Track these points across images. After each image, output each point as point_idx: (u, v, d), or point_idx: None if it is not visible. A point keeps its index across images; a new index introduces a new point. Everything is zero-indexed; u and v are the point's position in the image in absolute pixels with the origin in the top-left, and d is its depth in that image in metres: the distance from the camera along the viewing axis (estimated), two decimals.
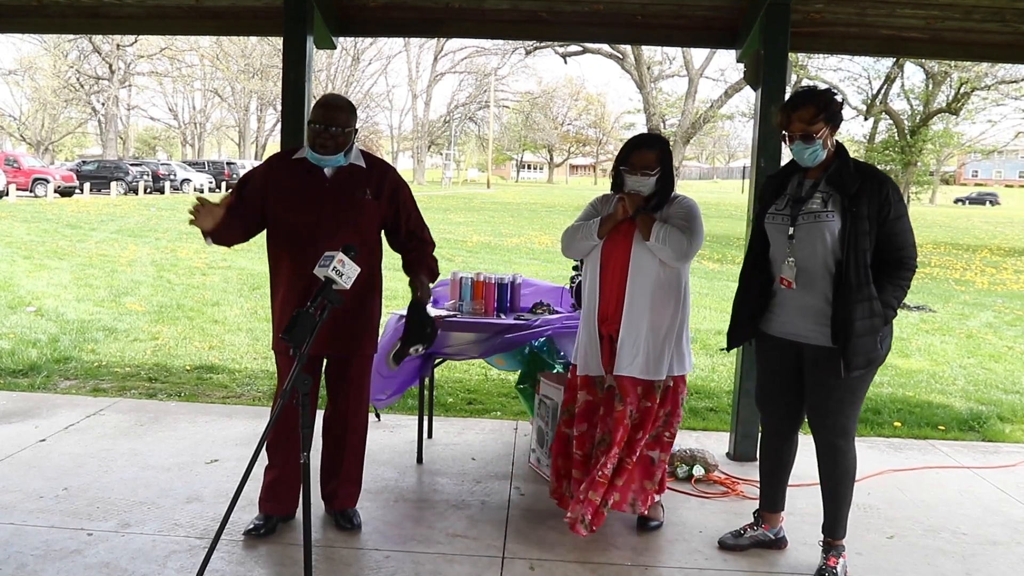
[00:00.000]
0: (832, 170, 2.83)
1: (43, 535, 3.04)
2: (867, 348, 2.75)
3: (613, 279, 3.13)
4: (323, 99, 3.05)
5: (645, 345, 3.08)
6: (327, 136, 2.95)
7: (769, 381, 3.10)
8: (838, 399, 2.86)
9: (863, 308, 2.73)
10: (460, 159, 66.89)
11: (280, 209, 3.03)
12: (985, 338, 8.54)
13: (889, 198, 2.76)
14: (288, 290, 3.03)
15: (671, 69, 31.95)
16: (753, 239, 3.07)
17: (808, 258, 2.83)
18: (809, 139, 2.80)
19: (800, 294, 2.87)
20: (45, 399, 4.87)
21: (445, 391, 5.46)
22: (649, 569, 3.03)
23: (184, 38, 39.41)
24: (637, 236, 3.10)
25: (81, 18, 4.77)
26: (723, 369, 6.47)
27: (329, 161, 3.00)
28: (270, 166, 3.14)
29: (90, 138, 54.00)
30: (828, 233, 2.78)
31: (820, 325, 2.83)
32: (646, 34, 4.83)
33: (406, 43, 50.32)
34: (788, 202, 2.92)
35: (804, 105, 2.82)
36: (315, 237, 2.95)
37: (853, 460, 2.94)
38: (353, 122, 3.03)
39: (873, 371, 2.87)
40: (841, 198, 2.78)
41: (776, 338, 2.99)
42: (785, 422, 3.10)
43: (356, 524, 3.23)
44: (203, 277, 10.36)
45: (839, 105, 2.86)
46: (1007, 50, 4.62)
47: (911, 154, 17.46)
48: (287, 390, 2.43)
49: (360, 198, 3.04)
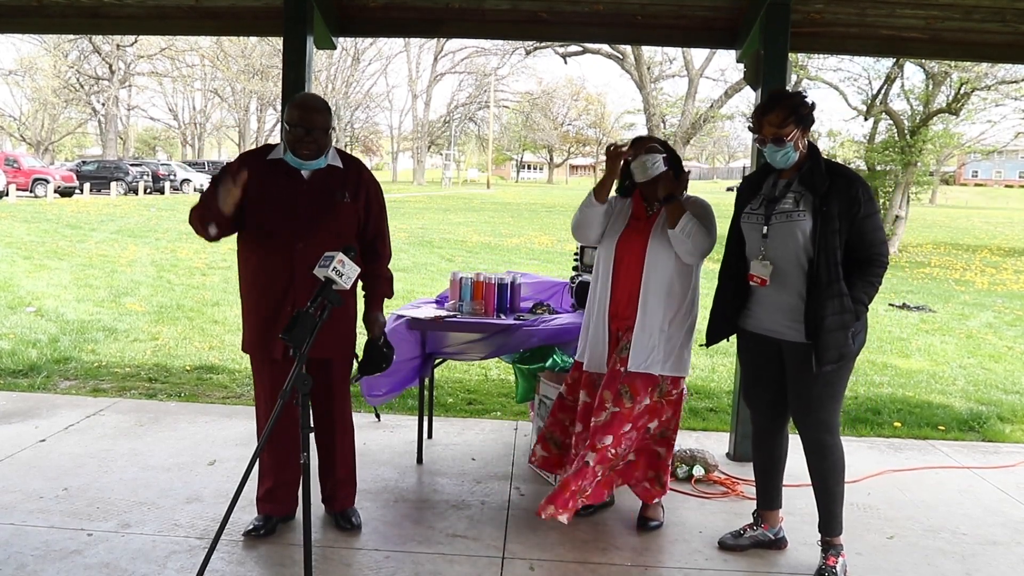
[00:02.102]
0: (804, 170, 2.89)
1: (43, 535, 3.04)
2: (838, 343, 2.80)
3: (627, 276, 3.14)
4: (299, 100, 2.94)
5: (659, 342, 3.09)
6: (309, 140, 2.87)
7: (751, 377, 3.15)
8: (817, 395, 2.91)
9: (834, 304, 2.78)
10: (460, 159, 66.89)
11: (256, 211, 2.92)
12: (985, 338, 8.54)
13: (858, 197, 2.81)
14: (261, 295, 2.96)
15: (671, 69, 31.96)
16: (730, 238, 3.12)
17: (781, 257, 2.88)
18: (780, 142, 2.86)
19: (775, 291, 2.92)
20: (45, 399, 4.87)
21: (445, 391, 5.46)
22: (649, 569, 3.03)
23: (184, 38, 39.34)
24: (654, 233, 3.11)
25: (81, 18, 4.77)
26: (723, 369, 6.47)
27: (309, 164, 2.93)
28: (245, 164, 2.95)
29: (90, 138, 54.03)
30: (800, 232, 2.83)
31: (795, 321, 2.88)
32: (646, 34, 4.83)
33: (406, 43, 50.43)
34: (763, 202, 2.98)
35: (774, 109, 2.88)
36: (293, 241, 2.88)
37: (840, 455, 2.98)
38: (331, 122, 2.96)
39: (848, 366, 2.92)
40: (812, 198, 2.84)
41: (755, 334, 3.05)
42: (771, 419, 3.13)
43: (356, 524, 3.23)
44: (203, 277, 10.36)
45: (809, 108, 2.91)
46: (1007, 50, 4.62)
47: (911, 154, 17.42)
48: (287, 390, 2.43)
49: (339, 201, 2.96)
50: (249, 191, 2.89)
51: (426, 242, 16.17)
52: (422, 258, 13.59)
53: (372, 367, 3.08)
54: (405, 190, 41.80)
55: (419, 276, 11.25)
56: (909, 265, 16.25)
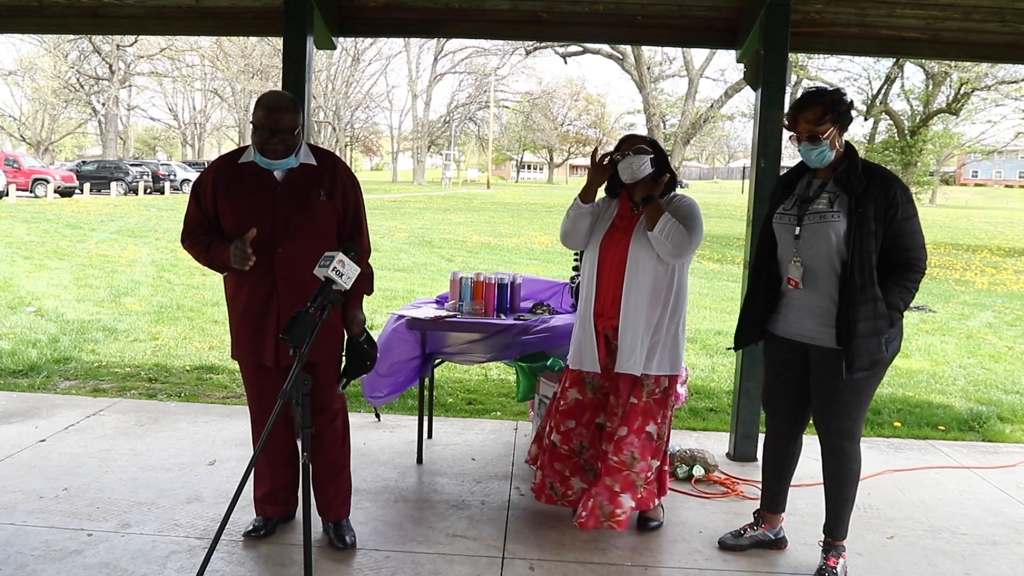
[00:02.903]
0: (840, 170, 2.82)
1: (43, 535, 3.04)
2: (871, 349, 2.73)
3: (610, 275, 3.14)
4: (265, 100, 2.83)
5: (642, 342, 3.09)
6: (276, 141, 2.79)
7: (775, 382, 3.08)
8: (844, 401, 2.84)
9: (867, 309, 2.71)
10: (460, 159, 66.87)
11: (232, 217, 2.86)
12: (985, 338, 8.54)
13: (897, 199, 2.73)
14: (249, 299, 2.89)
15: (671, 69, 31.99)
16: (762, 239, 3.05)
17: (814, 258, 2.82)
18: (815, 140, 2.79)
19: (806, 294, 2.86)
20: (45, 399, 4.86)
21: (445, 391, 5.46)
22: (649, 569, 3.03)
23: (184, 38, 39.39)
24: (636, 233, 3.10)
25: (81, 18, 4.78)
26: (723, 369, 6.47)
27: (279, 164, 2.85)
28: (217, 170, 2.93)
29: (90, 138, 54.07)
30: (833, 233, 2.76)
31: (826, 326, 2.81)
32: (646, 34, 4.83)
33: (406, 43, 50.48)
34: (796, 202, 2.92)
35: (810, 106, 2.80)
36: (271, 244, 2.82)
37: (858, 462, 2.93)
38: (300, 121, 2.86)
39: (880, 373, 2.85)
40: (848, 198, 2.77)
41: (783, 339, 2.98)
42: (790, 424, 3.08)
43: (350, 543, 3.07)
44: (203, 277, 10.36)
45: (847, 105, 2.84)
46: (1007, 50, 4.62)
47: (911, 154, 17.48)
48: (287, 390, 2.42)
49: (314, 200, 2.88)
50: (222, 197, 2.87)
51: (426, 242, 16.18)
52: (422, 258, 13.59)
53: (357, 367, 3.00)
54: (405, 190, 41.79)
55: (419, 276, 11.24)
56: None
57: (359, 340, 3.00)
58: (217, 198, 2.89)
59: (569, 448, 3.26)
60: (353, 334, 3.00)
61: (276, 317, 2.86)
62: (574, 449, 3.26)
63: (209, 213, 2.91)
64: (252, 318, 2.91)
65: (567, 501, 3.27)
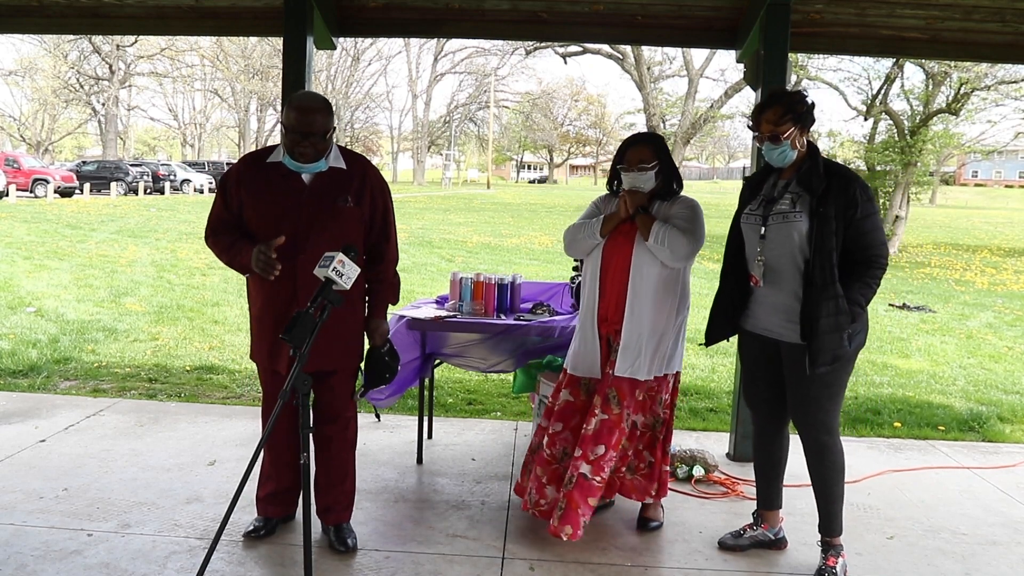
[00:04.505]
0: (802, 171, 2.88)
1: (43, 535, 3.04)
2: (833, 345, 2.78)
3: (614, 280, 3.13)
4: (297, 102, 2.76)
5: (647, 347, 3.08)
6: (306, 146, 2.72)
7: (750, 377, 3.15)
8: (815, 396, 2.90)
9: (829, 306, 2.76)
10: (460, 159, 66.90)
11: (256, 218, 2.82)
12: (985, 338, 8.54)
13: (856, 198, 2.78)
14: (267, 303, 2.86)
15: (671, 69, 31.92)
16: (730, 239, 3.12)
17: (779, 257, 2.88)
18: (776, 140, 2.85)
19: (772, 292, 2.92)
20: (45, 399, 4.86)
21: (445, 391, 5.46)
22: (649, 569, 3.03)
23: (184, 38, 39.37)
24: (639, 237, 3.09)
25: (81, 18, 4.77)
26: (723, 369, 6.47)
27: (308, 168, 2.79)
28: (243, 168, 2.88)
29: (90, 138, 54.06)
30: (796, 233, 2.82)
31: (791, 322, 2.87)
32: (646, 34, 4.83)
33: (406, 43, 50.51)
34: (761, 203, 2.98)
35: (771, 106, 2.87)
36: (294, 248, 2.75)
37: (839, 455, 2.97)
38: (332, 123, 2.78)
39: (846, 367, 2.90)
40: (809, 198, 2.82)
41: (754, 334, 3.05)
42: (769, 418, 3.13)
43: (351, 546, 3.04)
44: (203, 277, 10.36)
45: (808, 106, 2.89)
46: (1007, 50, 4.62)
47: (911, 154, 17.43)
48: (287, 390, 2.42)
49: (341, 206, 2.82)
50: (247, 197, 2.83)
51: (426, 242, 16.18)
52: (422, 258, 13.59)
53: (376, 379, 2.97)
54: (405, 190, 41.79)
55: (419, 276, 11.25)
56: (909, 265, 16.25)
57: (381, 351, 2.98)
58: (243, 197, 2.84)
59: (551, 453, 3.22)
60: (375, 344, 2.98)
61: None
62: (556, 455, 3.22)
63: (235, 211, 2.87)
64: (269, 325, 2.87)
65: (538, 511, 3.20)
